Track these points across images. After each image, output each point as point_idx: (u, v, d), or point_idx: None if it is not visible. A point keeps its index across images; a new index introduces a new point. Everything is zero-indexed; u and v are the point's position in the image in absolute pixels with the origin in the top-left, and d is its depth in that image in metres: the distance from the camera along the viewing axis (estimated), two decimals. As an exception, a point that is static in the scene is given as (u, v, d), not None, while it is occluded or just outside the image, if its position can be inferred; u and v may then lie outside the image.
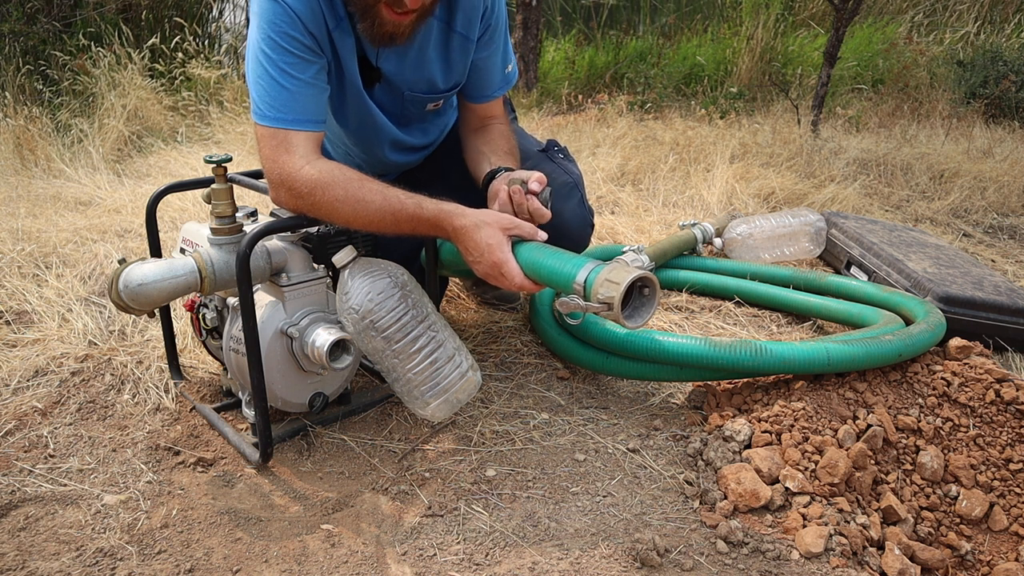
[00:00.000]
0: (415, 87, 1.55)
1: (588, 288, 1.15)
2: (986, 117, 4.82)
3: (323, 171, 1.30)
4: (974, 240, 2.95)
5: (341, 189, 1.29)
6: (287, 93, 1.33)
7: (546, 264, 1.22)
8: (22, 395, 1.59)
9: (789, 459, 1.32)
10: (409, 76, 1.53)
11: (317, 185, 1.29)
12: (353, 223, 1.32)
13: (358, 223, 1.32)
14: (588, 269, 1.17)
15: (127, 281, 1.26)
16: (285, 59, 1.33)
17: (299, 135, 1.33)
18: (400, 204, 1.29)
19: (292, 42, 1.33)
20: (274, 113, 1.33)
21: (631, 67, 5.69)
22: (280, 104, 1.33)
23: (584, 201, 1.71)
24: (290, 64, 1.33)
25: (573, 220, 1.66)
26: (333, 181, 1.29)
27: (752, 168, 3.45)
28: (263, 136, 1.34)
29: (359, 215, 1.30)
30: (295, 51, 1.33)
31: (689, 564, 1.16)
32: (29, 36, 4.27)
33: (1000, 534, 1.35)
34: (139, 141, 3.83)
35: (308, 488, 1.35)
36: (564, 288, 1.19)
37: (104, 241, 2.45)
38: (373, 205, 1.29)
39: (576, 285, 1.17)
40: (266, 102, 1.33)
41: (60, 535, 1.21)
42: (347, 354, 1.37)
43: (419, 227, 1.31)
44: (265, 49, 1.33)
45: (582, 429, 1.51)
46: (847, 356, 1.42)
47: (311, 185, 1.29)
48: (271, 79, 1.33)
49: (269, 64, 1.33)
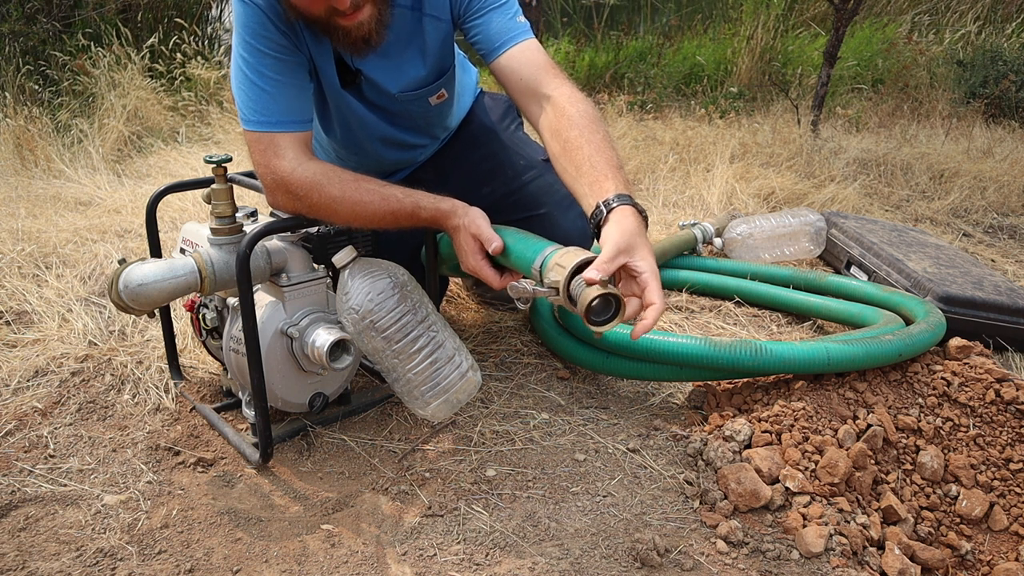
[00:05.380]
0: (405, 87, 1.52)
1: (541, 272, 1.15)
2: (986, 117, 4.82)
3: (316, 171, 1.30)
4: (974, 240, 2.95)
5: (337, 188, 1.29)
6: (267, 95, 1.32)
7: (514, 249, 1.23)
8: (22, 395, 1.59)
9: (789, 459, 1.32)
10: (393, 75, 1.50)
11: (312, 186, 1.29)
12: (352, 222, 1.32)
13: (356, 222, 1.32)
14: (545, 254, 1.16)
15: (127, 281, 1.26)
16: (262, 62, 1.32)
17: (286, 136, 1.32)
18: (398, 203, 1.30)
19: (266, 43, 1.31)
20: (258, 117, 1.32)
21: (631, 67, 5.69)
22: (262, 107, 1.32)
23: (583, 215, 1.71)
24: (268, 66, 1.32)
25: (573, 231, 1.64)
26: (328, 181, 1.29)
27: (752, 168, 3.44)
28: (251, 141, 1.34)
29: (357, 214, 1.30)
30: (271, 52, 1.32)
31: (689, 564, 1.16)
32: (29, 36, 4.26)
33: (1000, 534, 1.35)
34: (139, 141, 3.83)
35: (308, 488, 1.35)
36: (526, 273, 1.19)
37: (104, 241, 2.45)
38: (371, 205, 1.29)
39: (534, 270, 1.17)
40: (249, 107, 1.33)
41: (60, 535, 1.21)
42: (347, 354, 1.37)
43: (418, 225, 1.32)
44: (243, 54, 1.32)
45: (582, 429, 1.51)
46: (847, 356, 1.42)
47: (306, 186, 1.29)
48: (251, 83, 1.32)
49: (248, 68, 1.32)
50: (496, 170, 1.75)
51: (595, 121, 1.32)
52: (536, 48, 1.42)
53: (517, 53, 1.41)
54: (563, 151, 1.30)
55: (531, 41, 1.42)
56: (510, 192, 1.71)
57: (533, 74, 1.39)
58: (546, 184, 1.69)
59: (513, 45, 1.41)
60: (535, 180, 1.71)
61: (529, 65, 1.40)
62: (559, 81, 1.38)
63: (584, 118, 1.31)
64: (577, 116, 1.31)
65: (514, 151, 1.77)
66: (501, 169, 1.75)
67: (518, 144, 1.80)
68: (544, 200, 1.68)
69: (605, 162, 1.25)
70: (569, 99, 1.35)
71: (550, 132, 1.34)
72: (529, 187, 1.70)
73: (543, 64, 1.40)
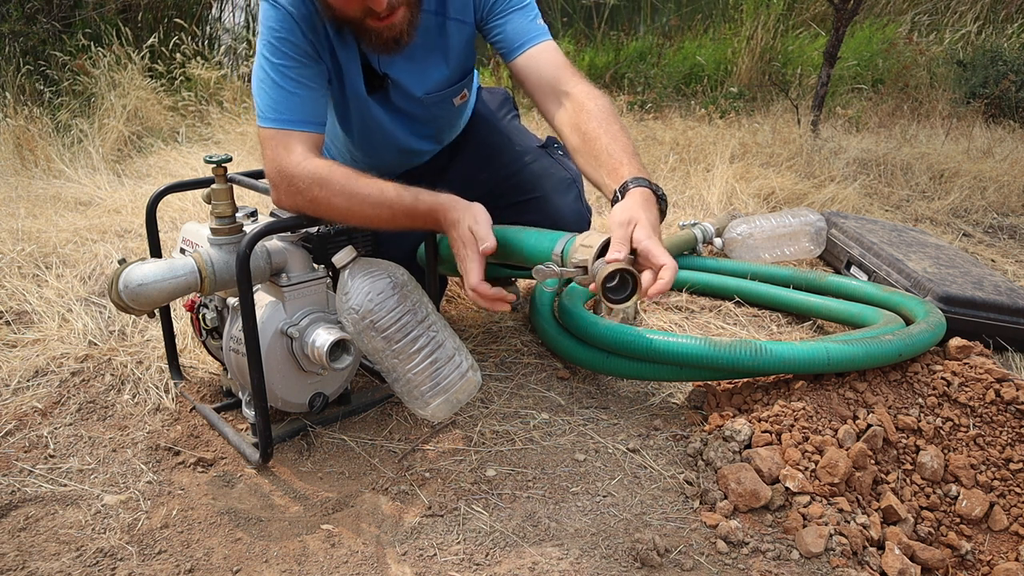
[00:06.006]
0: (430, 89, 1.57)
1: (565, 255, 1.20)
2: (986, 117, 4.82)
3: (319, 167, 1.32)
4: (974, 240, 2.95)
5: (338, 184, 1.30)
6: (286, 94, 1.36)
7: (527, 240, 1.28)
8: (22, 395, 1.59)
9: (789, 459, 1.32)
10: (418, 78, 1.54)
11: (314, 181, 1.30)
12: (350, 219, 1.33)
13: (355, 219, 1.33)
14: (567, 238, 1.23)
15: (127, 281, 1.26)
16: (284, 63, 1.36)
17: (299, 135, 1.36)
18: (398, 197, 1.30)
19: (290, 46, 1.36)
20: (275, 115, 1.36)
21: (631, 67, 5.69)
22: (279, 106, 1.36)
23: (581, 197, 1.73)
24: (289, 68, 1.36)
25: (570, 215, 1.69)
26: (330, 176, 1.30)
27: (752, 168, 3.44)
28: (265, 138, 1.36)
29: (353, 211, 1.31)
30: (294, 55, 1.37)
31: (689, 564, 1.16)
32: (29, 36, 4.27)
33: (1000, 534, 1.35)
34: (139, 141, 3.83)
35: (308, 488, 1.35)
36: (541, 262, 1.22)
37: (104, 241, 2.45)
38: (369, 199, 1.30)
39: (555, 255, 1.22)
40: (267, 104, 1.36)
41: (60, 535, 1.21)
42: (347, 354, 1.37)
43: (416, 221, 1.32)
44: (266, 54, 1.37)
45: (582, 429, 1.51)
46: (847, 356, 1.42)
47: (308, 181, 1.31)
48: (272, 82, 1.36)
49: (270, 68, 1.37)
50: (494, 156, 1.80)
51: (611, 114, 1.37)
52: (555, 49, 1.48)
53: (536, 53, 1.46)
54: (583, 143, 1.35)
55: (550, 42, 1.49)
56: (508, 176, 1.76)
57: (552, 73, 1.44)
58: (542, 168, 1.75)
59: (533, 45, 1.47)
60: (531, 164, 1.77)
61: (549, 65, 1.45)
62: (577, 79, 1.43)
63: (601, 111, 1.37)
64: (595, 110, 1.37)
65: (510, 138, 1.83)
66: (499, 155, 1.80)
67: (514, 132, 1.86)
68: (541, 183, 1.73)
69: (621, 150, 1.31)
70: (587, 95, 1.40)
71: (569, 127, 1.39)
72: (525, 171, 1.76)
73: (562, 64, 1.45)
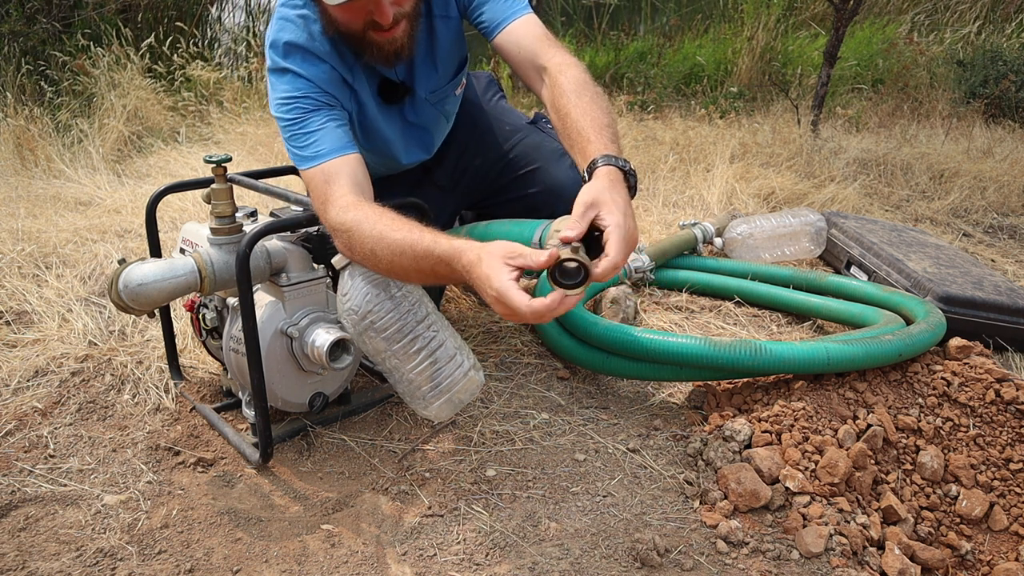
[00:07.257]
0: (432, 87, 1.61)
1: (543, 242, 1.22)
2: (986, 117, 4.81)
3: (347, 220, 1.26)
4: (974, 240, 2.95)
5: (367, 232, 1.23)
6: (314, 136, 1.36)
7: (510, 231, 1.32)
8: (22, 395, 1.59)
9: (789, 459, 1.32)
10: (420, 79, 1.58)
11: (345, 231, 1.26)
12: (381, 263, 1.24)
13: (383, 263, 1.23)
14: (544, 225, 1.27)
15: (127, 281, 1.26)
16: (306, 116, 1.37)
17: (337, 163, 1.34)
18: (419, 238, 1.20)
19: (310, 102, 1.38)
20: (311, 154, 1.35)
21: (631, 67, 5.68)
22: (313, 146, 1.36)
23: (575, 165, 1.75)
24: (309, 118, 1.37)
25: (568, 181, 1.73)
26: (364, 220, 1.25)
27: (752, 168, 3.44)
28: (309, 180, 1.36)
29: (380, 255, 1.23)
30: (313, 108, 1.38)
31: (689, 564, 1.16)
32: (29, 36, 4.26)
33: (1000, 534, 1.35)
34: (139, 141, 3.83)
35: (308, 488, 1.35)
36: None
37: (104, 241, 2.45)
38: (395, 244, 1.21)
39: (533, 243, 1.25)
40: (300, 147, 1.37)
41: (60, 535, 1.21)
42: (347, 354, 1.37)
43: (437, 265, 1.20)
44: (284, 116, 1.38)
45: (582, 429, 1.51)
46: (847, 356, 1.42)
47: (344, 234, 1.27)
48: (300, 134, 1.37)
49: (294, 126, 1.37)
50: (485, 139, 1.83)
51: (582, 84, 1.32)
52: (534, 21, 1.45)
53: (514, 29, 1.44)
54: (559, 121, 1.32)
55: (528, 16, 1.45)
56: (502, 156, 1.80)
57: (530, 45, 1.42)
58: (533, 142, 1.80)
59: (512, 21, 1.44)
60: (523, 140, 1.80)
61: (527, 37, 1.43)
62: (554, 51, 1.40)
63: (572, 83, 1.32)
64: (566, 83, 1.32)
65: (498, 119, 1.86)
66: (490, 136, 1.83)
67: (501, 113, 1.89)
68: (535, 156, 1.77)
69: (590, 124, 1.26)
70: (559, 67, 1.36)
71: (550, 106, 1.36)
72: (518, 148, 1.79)
73: (539, 35, 1.42)
